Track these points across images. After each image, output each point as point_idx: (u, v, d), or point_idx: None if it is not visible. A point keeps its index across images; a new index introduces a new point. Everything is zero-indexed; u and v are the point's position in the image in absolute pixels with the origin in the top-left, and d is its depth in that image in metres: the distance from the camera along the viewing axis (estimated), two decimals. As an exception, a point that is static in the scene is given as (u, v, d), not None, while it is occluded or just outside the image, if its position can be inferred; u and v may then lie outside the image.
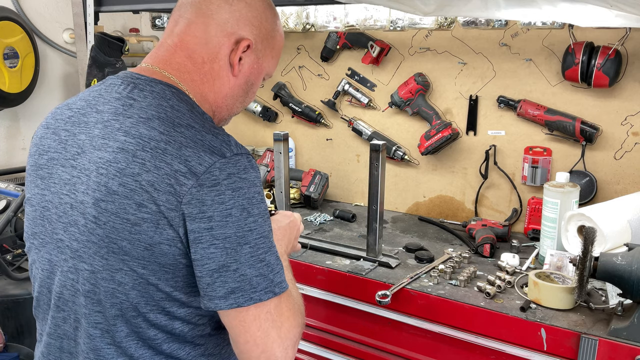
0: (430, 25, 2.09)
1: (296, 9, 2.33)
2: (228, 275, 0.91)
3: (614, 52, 1.80)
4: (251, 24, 1.07)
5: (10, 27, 2.59)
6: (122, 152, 0.92)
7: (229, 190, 0.90)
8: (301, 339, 1.85)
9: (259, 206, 0.94)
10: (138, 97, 0.98)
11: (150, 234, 0.91)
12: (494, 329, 1.47)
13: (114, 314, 0.96)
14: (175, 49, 1.05)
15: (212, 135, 0.95)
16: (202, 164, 0.90)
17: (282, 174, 1.95)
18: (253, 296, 0.92)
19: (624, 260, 1.33)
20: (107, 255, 0.94)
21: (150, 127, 0.93)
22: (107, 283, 0.95)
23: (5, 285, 2.18)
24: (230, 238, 0.90)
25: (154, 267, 0.93)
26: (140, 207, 0.90)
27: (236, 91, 1.10)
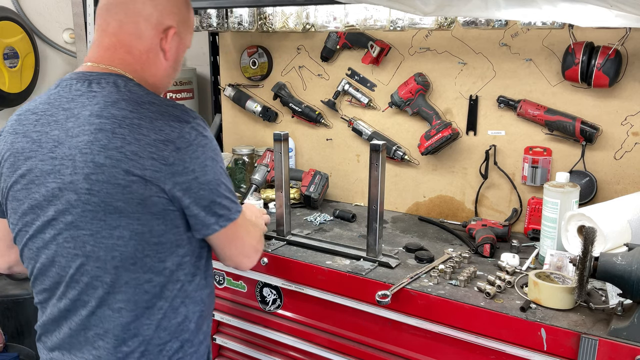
0: (430, 25, 2.09)
1: (296, 9, 2.33)
2: (215, 207, 1.21)
3: (614, 52, 1.80)
4: (172, 12, 1.26)
5: (10, 27, 2.60)
6: (101, 132, 1.11)
7: (199, 147, 1.17)
8: (301, 339, 1.86)
9: (219, 155, 1.23)
10: (97, 89, 1.17)
11: (140, 191, 1.12)
12: (494, 329, 1.47)
13: (114, 265, 1.16)
14: (114, 47, 1.23)
15: (172, 107, 1.18)
16: (174, 131, 1.14)
17: (282, 174, 1.95)
18: (231, 217, 1.25)
19: (624, 260, 1.33)
20: (104, 217, 1.14)
21: (119, 108, 1.13)
22: (107, 240, 1.15)
23: (5, 285, 2.18)
24: (211, 182, 1.19)
25: (147, 217, 1.15)
26: (128, 173, 1.11)
27: (169, 71, 1.32)
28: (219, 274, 2.05)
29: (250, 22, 2.44)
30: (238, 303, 2.03)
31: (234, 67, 2.73)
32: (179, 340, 1.28)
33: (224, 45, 2.76)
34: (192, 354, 1.33)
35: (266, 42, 2.61)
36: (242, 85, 2.72)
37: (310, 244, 1.92)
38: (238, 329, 2.05)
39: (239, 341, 2.06)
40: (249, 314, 2.00)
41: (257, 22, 2.44)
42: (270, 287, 1.92)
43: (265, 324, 1.97)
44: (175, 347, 1.27)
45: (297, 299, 1.87)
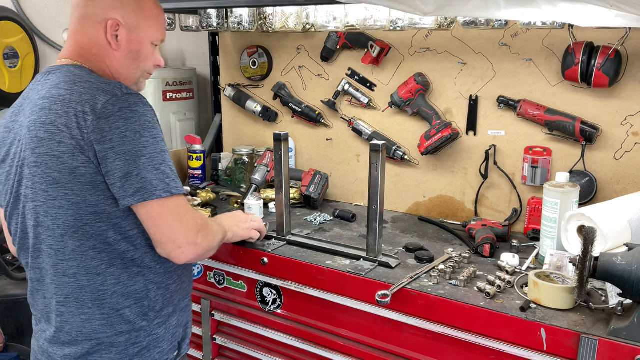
0: (430, 25, 2.09)
1: (296, 9, 2.33)
2: (132, 179, 1.22)
3: (614, 52, 1.80)
4: (114, 7, 1.35)
5: (11, 27, 2.60)
6: (42, 110, 1.26)
7: (121, 119, 1.22)
8: (301, 339, 1.86)
9: (150, 131, 1.25)
10: (51, 77, 1.32)
11: (70, 162, 1.22)
12: (494, 329, 1.47)
13: (60, 233, 1.28)
14: (71, 45, 1.38)
15: (106, 84, 1.27)
16: (98, 103, 1.22)
17: (282, 174, 1.95)
18: (155, 193, 1.24)
19: (624, 260, 1.33)
20: (47, 188, 1.25)
21: (58, 89, 1.26)
22: (51, 210, 1.26)
23: (5, 285, 2.18)
24: (129, 152, 1.21)
25: (79, 188, 1.24)
26: (60, 144, 1.22)
27: (123, 62, 1.40)
28: (219, 274, 2.05)
29: (250, 22, 2.44)
30: (238, 303, 2.03)
31: (234, 67, 2.73)
32: (138, 306, 1.35)
33: (224, 45, 2.76)
34: (160, 324, 1.41)
35: (266, 42, 2.61)
36: (242, 85, 2.72)
37: (310, 244, 1.92)
38: (238, 329, 2.05)
39: (239, 341, 2.06)
40: (249, 314, 2.00)
41: (257, 22, 2.44)
42: (270, 287, 1.92)
43: (265, 324, 1.97)
44: (135, 311, 1.35)
45: (297, 299, 1.87)
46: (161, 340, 1.42)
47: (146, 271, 1.36)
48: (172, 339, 1.46)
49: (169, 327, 1.44)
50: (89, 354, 1.34)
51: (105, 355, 1.34)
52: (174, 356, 1.47)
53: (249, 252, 1.92)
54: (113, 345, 1.34)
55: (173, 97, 2.93)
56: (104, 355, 1.34)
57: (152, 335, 1.40)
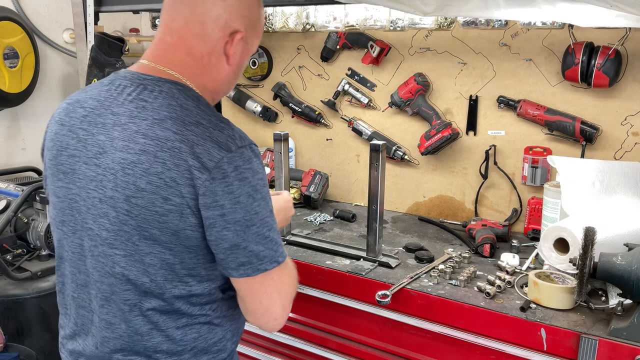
0: (430, 25, 2.09)
1: (296, 9, 2.33)
2: (239, 252, 1.07)
3: (614, 52, 1.80)
4: (242, 15, 1.16)
5: (10, 27, 2.59)
6: (145, 154, 1.03)
7: (236, 180, 1.04)
8: (301, 339, 1.86)
9: (262, 191, 1.08)
10: (149, 99, 1.08)
11: (176, 222, 1.04)
12: (494, 329, 1.47)
13: (143, 290, 1.10)
14: (175, 46, 1.14)
15: (219, 131, 1.06)
16: (212, 160, 1.02)
17: (282, 174, 1.95)
18: (260, 267, 1.09)
19: (624, 260, 1.33)
20: (138, 241, 1.07)
21: (164, 128, 1.04)
22: (139, 264, 1.08)
23: (5, 285, 2.17)
24: (239, 222, 1.05)
25: (179, 249, 1.07)
26: (167, 200, 1.03)
27: (230, 76, 1.22)
28: (219, 274, 2.05)
29: (250, 22, 2.44)
30: (238, 303, 2.03)
31: (234, 67, 2.73)
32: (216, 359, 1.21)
33: (224, 45, 2.75)
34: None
35: (266, 42, 2.61)
36: (242, 85, 2.72)
37: (310, 244, 1.92)
38: (238, 329, 2.05)
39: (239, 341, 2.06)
40: (249, 314, 2.00)
41: (257, 22, 2.43)
42: (270, 287, 1.92)
43: (265, 324, 1.97)
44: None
45: (297, 299, 1.86)
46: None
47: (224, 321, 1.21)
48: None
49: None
50: None
51: None
52: None
53: (249, 252, 1.92)
54: None
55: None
56: None
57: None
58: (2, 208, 2.31)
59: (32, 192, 2.24)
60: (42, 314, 2.19)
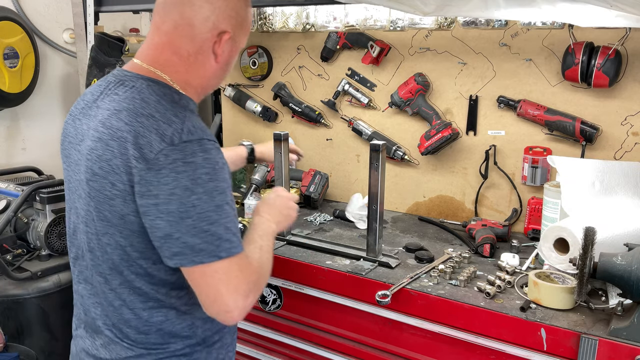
0: (430, 25, 2.09)
1: (296, 9, 2.33)
2: (172, 242, 1.09)
3: (614, 52, 1.80)
4: (229, 15, 1.21)
5: (10, 27, 2.59)
6: (100, 142, 1.13)
7: (173, 172, 1.06)
8: (301, 339, 1.86)
9: (205, 185, 1.08)
10: (120, 92, 1.17)
11: (121, 207, 1.11)
12: (494, 329, 1.47)
13: (108, 267, 1.19)
14: (163, 47, 1.20)
15: (167, 125, 1.10)
16: (152, 151, 1.07)
17: (282, 174, 1.95)
18: (194, 259, 1.09)
19: (624, 260, 1.33)
20: (97, 222, 1.17)
21: (118, 119, 1.12)
22: (100, 244, 1.18)
23: (5, 285, 2.17)
24: (173, 213, 1.07)
25: (127, 232, 1.14)
26: (114, 186, 1.11)
27: (218, 73, 1.28)
28: (219, 274, 2.05)
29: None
30: (238, 303, 2.03)
31: (234, 67, 2.72)
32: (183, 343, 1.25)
33: (224, 45, 2.75)
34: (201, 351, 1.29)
35: (266, 42, 2.61)
36: (242, 85, 2.72)
37: (310, 244, 1.92)
38: (238, 329, 2.05)
39: (239, 341, 2.06)
40: (249, 313, 2.00)
41: (257, 22, 2.44)
42: (270, 287, 1.92)
43: (265, 324, 1.97)
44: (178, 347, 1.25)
45: (297, 299, 1.87)
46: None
47: (194, 307, 1.24)
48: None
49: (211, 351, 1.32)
50: None
51: None
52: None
53: (249, 252, 1.92)
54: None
55: (173, 97, 2.92)
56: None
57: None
58: (2, 208, 2.31)
59: (32, 192, 2.24)
60: (42, 314, 2.19)
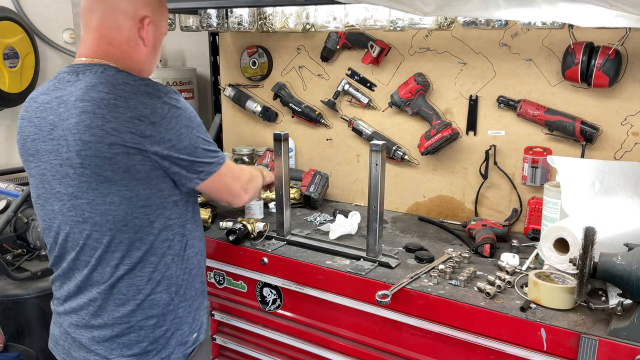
0: (430, 25, 2.08)
1: (296, 9, 2.33)
2: (195, 166, 1.38)
3: (614, 52, 1.80)
4: (146, 2, 1.39)
5: (11, 27, 2.60)
6: (84, 114, 1.27)
7: (173, 118, 1.31)
8: (301, 339, 1.86)
9: (195, 119, 1.37)
10: (82, 77, 1.33)
11: (125, 162, 1.28)
12: (494, 329, 1.47)
13: (108, 227, 1.34)
14: (96, 41, 1.38)
15: (145, 85, 1.32)
16: (147, 107, 1.28)
17: (282, 174, 1.95)
18: (212, 170, 1.42)
19: (624, 260, 1.33)
20: (97, 186, 1.31)
21: (98, 91, 1.29)
22: (101, 206, 1.32)
23: (5, 285, 2.18)
24: (187, 147, 1.34)
25: (134, 183, 1.31)
26: (112, 146, 1.27)
27: (149, 57, 1.46)
28: (219, 274, 2.05)
29: (250, 22, 2.44)
30: (238, 303, 2.03)
31: (234, 67, 2.73)
32: (167, 292, 1.43)
33: (224, 45, 2.76)
34: (184, 307, 1.48)
35: (266, 42, 2.61)
36: (242, 85, 2.72)
37: (310, 244, 1.92)
38: (238, 329, 2.05)
39: (239, 341, 2.07)
40: (249, 314, 2.01)
41: (257, 22, 2.44)
42: (270, 287, 1.92)
43: (265, 324, 1.97)
44: (165, 297, 1.43)
45: (297, 299, 1.87)
46: (183, 323, 1.48)
47: (177, 258, 1.44)
48: (193, 322, 1.52)
49: (190, 310, 1.51)
50: (117, 336, 1.40)
51: (133, 337, 1.41)
52: (193, 339, 1.53)
53: (249, 252, 1.92)
54: (142, 328, 1.41)
55: (173, 97, 2.92)
56: (131, 337, 1.41)
57: (177, 319, 1.47)
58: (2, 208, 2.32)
59: (32, 192, 2.24)
60: (42, 314, 2.19)
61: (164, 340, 1.44)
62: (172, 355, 1.46)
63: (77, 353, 1.45)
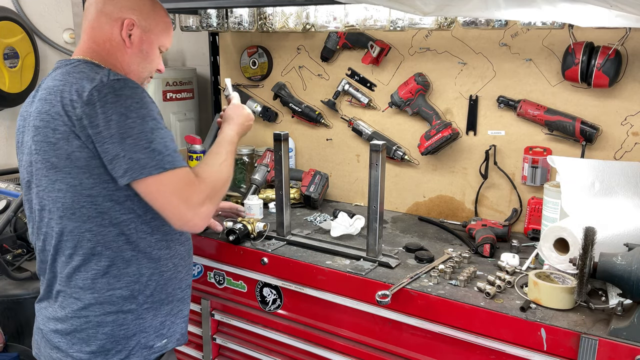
0: (430, 25, 2.09)
1: (296, 9, 2.33)
2: (120, 161, 1.27)
3: (614, 52, 1.80)
4: (131, 8, 1.46)
5: (11, 27, 2.60)
6: (40, 101, 1.36)
7: (107, 104, 1.27)
8: (301, 339, 1.86)
9: (138, 112, 1.29)
10: (58, 71, 1.40)
11: (65, 147, 1.29)
12: (494, 329, 1.47)
13: (59, 215, 1.35)
14: (86, 40, 1.46)
15: (95, 73, 1.33)
16: (85, 91, 1.28)
17: (282, 174, 1.95)
18: (143, 172, 1.28)
19: (623, 260, 1.33)
20: (47, 172, 1.34)
21: (54, 79, 1.37)
22: (51, 193, 1.35)
23: (5, 285, 2.18)
24: (114, 135, 1.26)
25: (76, 171, 1.31)
26: (55, 131, 1.30)
27: (134, 58, 1.48)
28: (219, 274, 2.05)
29: (250, 22, 2.44)
30: (238, 303, 2.03)
31: (234, 67, 2.73)
32: (128, 289, 1.40)
33: (224, 45, 2.76)
34: (148, 309, 1.44)
35: (266, 42, 2.61)
36: (242, 85, 2.72)
37: (310, 244, 1.92)
38: (238, 329, 2.05)
39: (239, 341, 2.07)
40: (249, 314, 2.00)
41: (257, 22, 2.44)
42: (270, 287, 1.92)
43: (265, 324, 1.97)
44: (125, 294, 1.40)
45: (297, 299, 1.87)
46: (147, 326, 1.44)
47: (140, 256, 1.41)
48: (160, 327, 1.47)
49: (157, 314, 1.46)
50: (77, 331, 1.39)
51: (91, 333, 1.39)
52: (161, 345, 1.48)
53: (249, 252, 1.92)
54: (100, 325, 1.39)
55: (173, 97, 2.93)
56: (89, 332, 1.39)
57: (139, 319, 1.43)
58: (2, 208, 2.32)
59: (32, 192, 2.24)
60: (42, 314, 2.19)
61: (124, 340, 1.41)
62: (132, 356, 1.42)
63: (44, 349, 1.46)
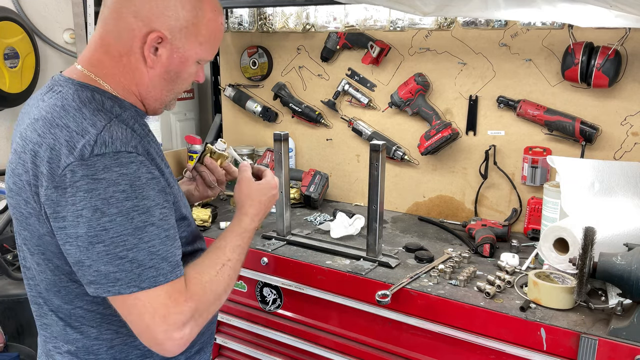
0: (430, 25, 2.09)
1: (296, 9, 2.33)
2: (84, 270, 0.97)
3: (614, 52, 1.80)
4: (164, 15, 1.04)
5: (11, 27, 2.60)
6: (15, 154, 1.04)
7: (80, 192, 0.93)
8: (301, 339, 1.86)
9: (119, 205, 0.94)
10: (46, 99, 1.05)
11: (36, 227, 1.01)
12: (493, 329, 1.47)
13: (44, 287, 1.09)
14: (95, 45, 1.09)
15: (80, 136, 0.96)
16: (60, 167, 0.94)
17: (282, 174, 1.95)
18: (111, 290, 0.96)
19: (623, 260, 1.33)
20: (24, 242, 1.08)
21: (33, 130, 1.00)
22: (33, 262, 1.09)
23: (5, 285, 2.18)
24: (81, 237, 0.94)
25: (49, 254, 1.03)
26: (27, 203, 1.01)
27: (156, 81, 1.10)
28: (219, 274, 2.05)
29: (250, 22, 2.45)
30: (238, 303, 2.03)
31: (234, 67, 2.73)
32: None
33: (224, 45, 2.76)
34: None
35: (266, 42, 2.61)
36: (242, 85, 2.72)
37: (310, 244, 1.92)
38: (238, 329, 2.05)
39: (239, 341, 2.07)
40: (249, 313, 2.01)
41: (257, 22, 2.44)
42: (270, 287, 1.92)
43: (265, 324, 1.97)
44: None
45: (297, 299, 1.87)
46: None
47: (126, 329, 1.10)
48: None
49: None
50: None
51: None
52: None
53: (249, 252, 1.92)
54: None
55: (173, 97, 2.92)
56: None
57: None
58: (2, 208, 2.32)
59: (32, 192, 2.24)
60: (42, 314, 2.19)
61: None
62: None
63: None
